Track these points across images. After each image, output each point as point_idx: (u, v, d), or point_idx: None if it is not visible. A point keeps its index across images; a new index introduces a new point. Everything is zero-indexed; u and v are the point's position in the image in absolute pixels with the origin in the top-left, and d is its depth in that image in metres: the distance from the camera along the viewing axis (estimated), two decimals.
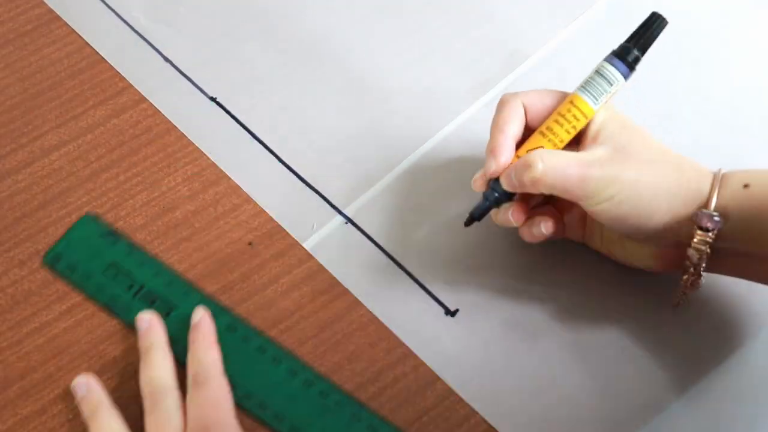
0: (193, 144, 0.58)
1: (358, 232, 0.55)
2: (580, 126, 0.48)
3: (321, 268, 0.53)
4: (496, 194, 0.49)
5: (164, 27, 0.62)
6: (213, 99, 0.60)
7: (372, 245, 0.54)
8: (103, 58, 0.61)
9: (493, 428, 0.48)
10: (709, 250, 0.45)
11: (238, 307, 0.52)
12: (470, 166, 0.57)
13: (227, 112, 0.59)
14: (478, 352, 0.50)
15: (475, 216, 0.50)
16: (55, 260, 0.53)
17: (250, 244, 0.54)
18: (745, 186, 0.45)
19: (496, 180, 0.49)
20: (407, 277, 0.53)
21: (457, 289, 0.52)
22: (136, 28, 0.62)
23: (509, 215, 0.49)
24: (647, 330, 0.50)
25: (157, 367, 0.47)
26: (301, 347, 0.51)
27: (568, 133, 0.48)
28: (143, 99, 0.59)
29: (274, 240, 0.54)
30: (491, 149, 0.48)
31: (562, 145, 0.48)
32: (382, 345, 0.51)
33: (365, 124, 0.58)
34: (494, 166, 0.48)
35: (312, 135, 0.58)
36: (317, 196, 0.56)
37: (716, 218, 0.44)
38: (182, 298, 0.51)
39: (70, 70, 0.60)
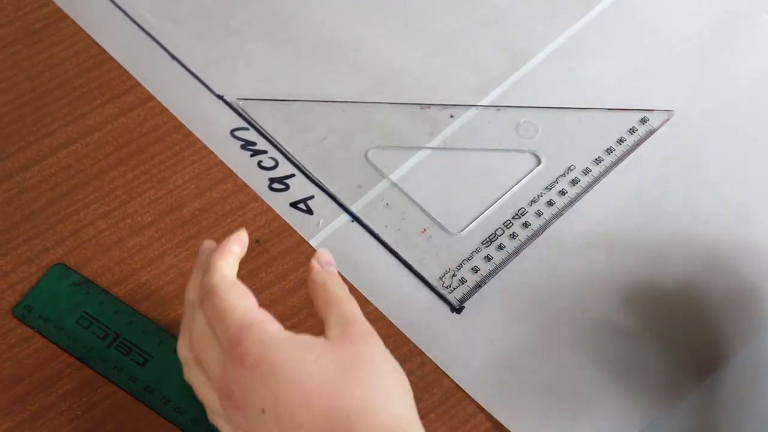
0: (201, 142, 0.58)
1: (364, 230, 0.55)
2: None
3: None
4: None
5: (172, 25, 0.63)
6: (220, 97, 0.60)
7: (377, 243, 0.54)
8: (110, 56, 0.61)
9: (501, 425, 0.48)
10: None
11: None
12: (474, 165, 0.57)
13: (234, 109, 0.59)
14: (485, 348, 0.50)
15: None
16: (26, 312, 0.51)
17: (257, 241, 0.54)
18: None
19: None
20: (413, 275, 0.53)
21: (463, 285, 0.52)
22: (144, 27, 0.62)
23: None
24: (661, 325, 0.51)
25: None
26: None
27: None
28: (151, 97, 0.60)
29: (280, 238, 0.54)
30: None
31: None
32: (388, 342, 0.50)
33: (373, 120, 0.59)
34: None
35: (317, 132, 0.58)
36: (323, 193, 0.56)
37: None
38: (158, 347, 0.50)
39: (78, 69, 0.61)
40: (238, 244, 0.43)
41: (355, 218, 0.55)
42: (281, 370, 0.39)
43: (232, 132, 0.58)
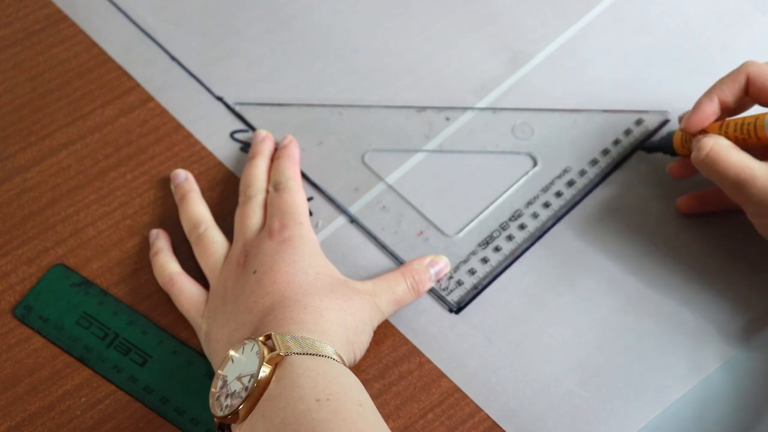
0: (201, 143, 0.58)
1: (362, 232, 0.55)
2: (750, 144, 0.48)
3: None
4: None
5: (171, 26, 0.63)
6: (219, 99, 0.60)
7: (375, 245, 0.55)
8: (110, 57, 0.61)
9: (498, 425, 0.49)
10: None
11: None
12: (470, 167, 0.57)
13: (233, 111, 0.60)
14: (483, 349, 0.51)
15: (650, 146, 0.56)
16: (26, 312, 0.52)
17: None
18: None
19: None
20: None
21: (460, 288, 0.53)
22: (144, 28, 0.63)
23: (667, 168, 0.54)
24: (660, 325, 0.51)
25: (255, 168, 0.55)
26: None
27: (737, 141, 0.49)
28: (151, 98, 0.60)
29: None
30: (695, 106, 0.51)
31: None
32: (387, 342, 0.51)
33: (370, 123, 0.59)
34: (685, 124, 0.51)
35: (314, 135, 0.59)
36: (321, 195, 0.56)
37: None
38: (157, 347, 0.51)
39: (78, 70, 0.61)
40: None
41: (354, 220, 0.56)
42: (292, 254, 0.49)
43: (231, 134, 0.59)
